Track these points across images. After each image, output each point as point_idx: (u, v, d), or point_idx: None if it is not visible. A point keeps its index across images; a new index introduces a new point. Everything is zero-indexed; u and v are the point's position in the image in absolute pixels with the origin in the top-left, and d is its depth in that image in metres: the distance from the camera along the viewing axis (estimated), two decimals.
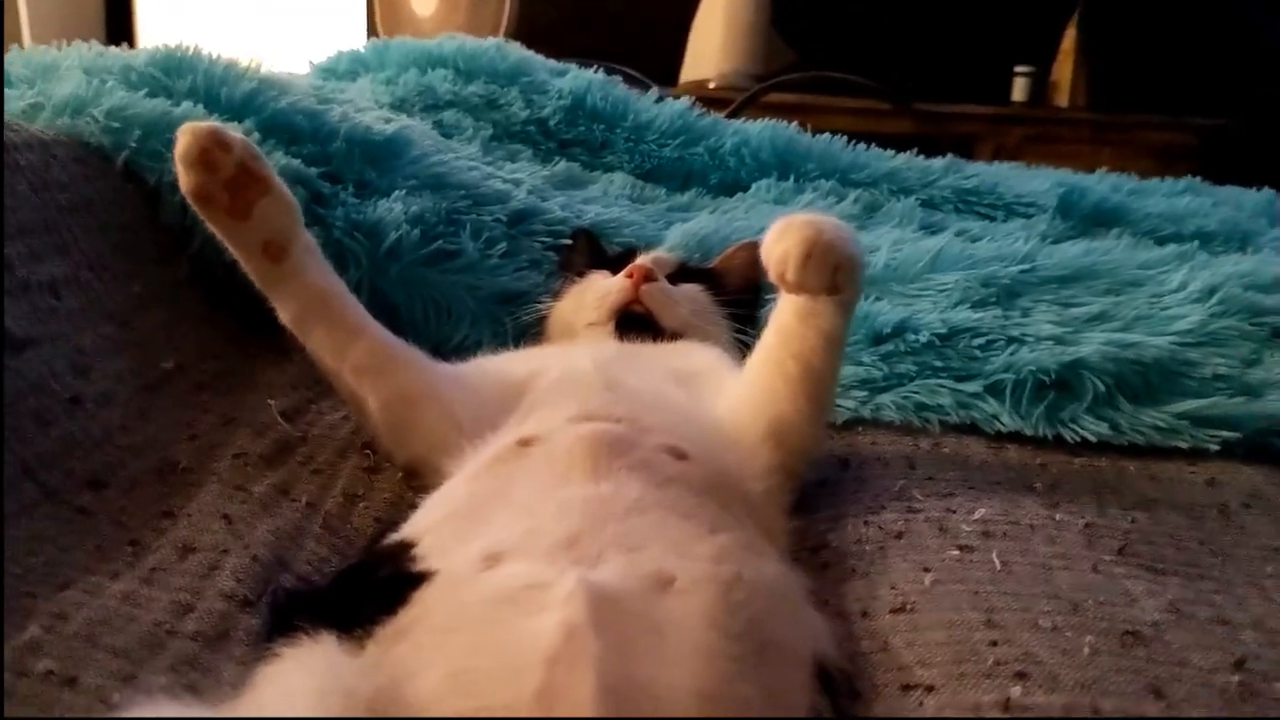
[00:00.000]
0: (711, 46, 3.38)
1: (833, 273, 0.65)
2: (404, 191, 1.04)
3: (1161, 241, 1.37)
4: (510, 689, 0.41)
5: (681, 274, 0.96)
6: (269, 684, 0.46)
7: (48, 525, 0.62)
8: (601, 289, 0.90)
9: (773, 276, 0.67)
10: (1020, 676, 0.51)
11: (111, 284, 0.86)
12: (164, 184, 0.95)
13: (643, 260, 0.92)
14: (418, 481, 0.74)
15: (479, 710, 0.42)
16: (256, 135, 0.99)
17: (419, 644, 0.46)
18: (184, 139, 0.68)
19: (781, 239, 0.66)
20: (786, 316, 0.70)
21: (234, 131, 0.70)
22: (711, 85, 3.31)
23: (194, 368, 0.88)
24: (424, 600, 0.49)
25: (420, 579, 0.50)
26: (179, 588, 0.59)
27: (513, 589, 0.47)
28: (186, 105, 0.99)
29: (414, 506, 0.63)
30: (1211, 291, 1.01)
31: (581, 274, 0.96)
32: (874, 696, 0.53)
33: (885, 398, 0.93)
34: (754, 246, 0.78)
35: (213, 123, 0.70)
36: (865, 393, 0.94)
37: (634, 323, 0.88)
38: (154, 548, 0.63)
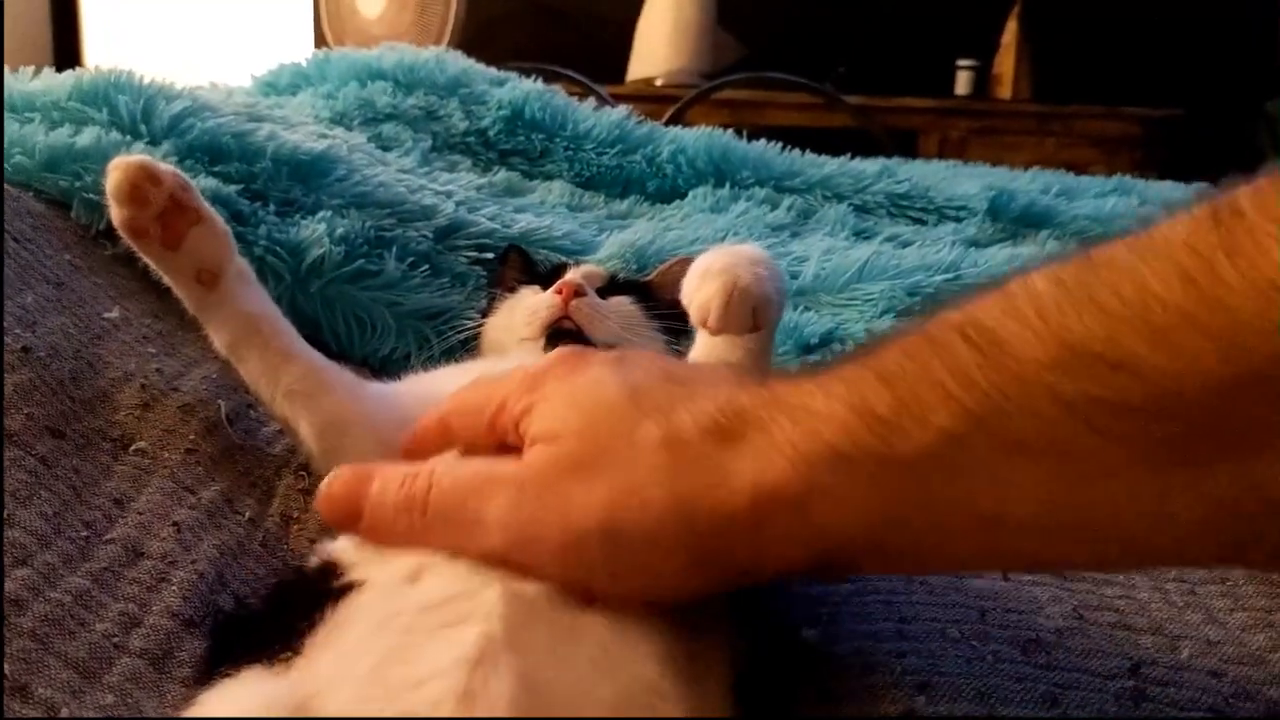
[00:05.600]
0: (658, 44, 3.39)
1: (751, 314, 0.68)
2: (330, 211, 1.05)
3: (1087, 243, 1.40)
4: (429, 694, 0.43)
5: (612, 287, 0.97)
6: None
7: (11, 474, 0.62)
8: (532, 305, 0.91)
9: (695, 323, 0.70)
10: (924, 687, 0.53)
11: (40, 254, 0.86)
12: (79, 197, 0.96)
13: (572, 276, 0.93)
14: None
15: (398, 713, 0.43)
16: (174, 158, 0.99)
17: (342, 652, 0.47)
18: (114, 175, 0.68)
19: (701, 288, 0.68)
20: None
21: (163, 163, 0.71)
22: (658, 83, 3.32)
23: (137, 321, 0.88)
24: (350, 608, 0.50)
25: (348, 589, 0.51)
26: (128, 597, 0.59)
27: (436, 599, 0.48)
28: (93, 131, 0.99)
29: None
30: None
31: (513, 290, 0.97)
32: (789, 708, 0.55)
33: None
34: (689, 260, 0.80)
35: (143, 156, 0.70)
36: None
37: (565, 338, 0.89)
38: (105, 538, 0.63)
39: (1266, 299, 0.34)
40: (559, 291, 0.90)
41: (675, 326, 0.95)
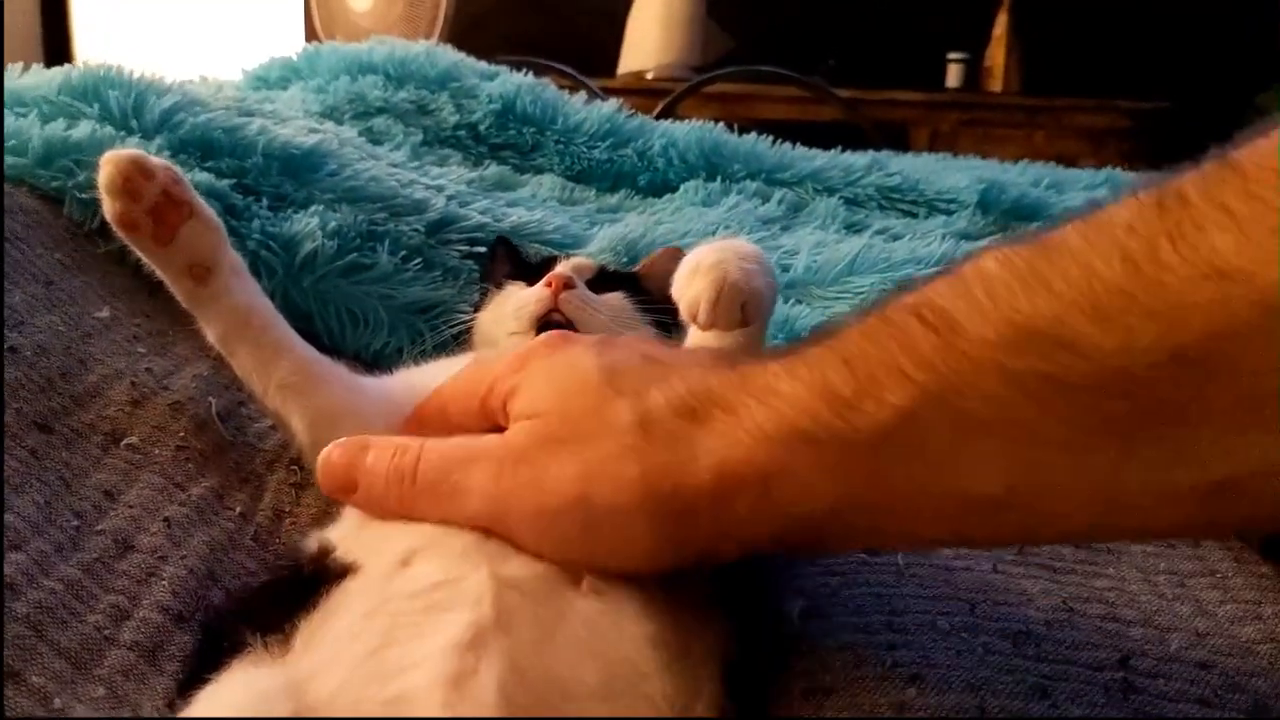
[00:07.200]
0: (648, 38, 3.39)
1: (741, 310, 0.67)
2: (322, 206, 1.05)
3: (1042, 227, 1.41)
4: (420, 676, 0.43)
5: (602, 279, 0.97)
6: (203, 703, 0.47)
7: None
8: (521, 299, 0.91)
9: (685, 318, 0.70)
10: (915, 679, 0.53)
11: (30, 252, 0.86)
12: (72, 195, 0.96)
13: (561, 268, 0.93)
14: None
15: (386, 703, 0.43)
16: (167, 152, 0.99)
17: (335, 637, 0.48)
18: (107, 168, 0.68)
19: (691, 284, 0.68)
20: None
21: (155, 157, 0.70)
22: (649, 76, 3.32)
23: (128, 320, 0.87)
24: (342, 594, 0.51)
25: (342, 574, 0.52)
26: (118, 590, 0.59)
27: (426, 584, 0.49)
28: (87, 125, 0.99)
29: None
30: None
31: (501, 284, 0.97)
32: (779, 700, 0.55)
33: None
34: (677, 251, 0.80)
35: (135, 150, 0.70)
36: None
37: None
38: (96, 529, 0.63)
39: (1205, 281, 0.35)
40: (549, 284, 0.90)
41: (665, 320, 0.95)
